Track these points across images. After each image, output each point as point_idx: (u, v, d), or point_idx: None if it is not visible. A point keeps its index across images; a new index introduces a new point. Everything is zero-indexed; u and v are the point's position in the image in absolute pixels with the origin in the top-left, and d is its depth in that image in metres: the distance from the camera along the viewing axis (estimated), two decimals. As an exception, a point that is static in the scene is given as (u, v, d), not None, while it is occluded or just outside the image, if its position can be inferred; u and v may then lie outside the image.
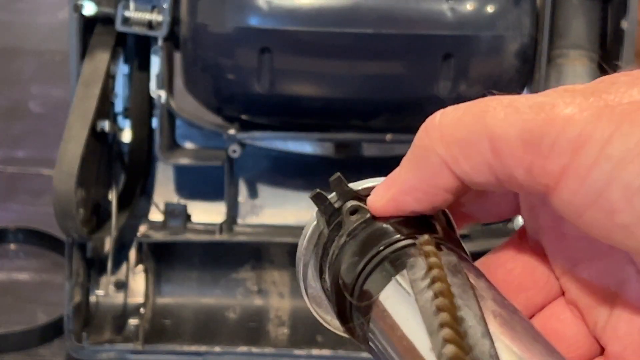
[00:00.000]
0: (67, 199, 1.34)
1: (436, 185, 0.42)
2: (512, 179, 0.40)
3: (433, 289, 0.38)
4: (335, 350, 1.46)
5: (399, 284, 0.41)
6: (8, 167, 2.13)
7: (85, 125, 1.38)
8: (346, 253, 0.44)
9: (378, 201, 0.44)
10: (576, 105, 0.39)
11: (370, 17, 1.38)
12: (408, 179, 0.43)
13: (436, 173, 0.42)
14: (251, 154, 1.55)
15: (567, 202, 0.39)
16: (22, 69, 2.57)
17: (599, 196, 0.38)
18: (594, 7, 1.41)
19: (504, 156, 0.40)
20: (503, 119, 0.40)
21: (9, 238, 1.87)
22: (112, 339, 1.49)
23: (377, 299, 0.41)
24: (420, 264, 0.40)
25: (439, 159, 0.42)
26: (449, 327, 0.37)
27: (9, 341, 1.59)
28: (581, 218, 0.39)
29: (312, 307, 0.48)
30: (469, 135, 0.41)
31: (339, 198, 0.46)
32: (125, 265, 1.54)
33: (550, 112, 0.39)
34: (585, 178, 0.38)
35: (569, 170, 0.38)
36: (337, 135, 1.49)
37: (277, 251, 1.55)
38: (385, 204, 0.44)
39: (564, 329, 0.45)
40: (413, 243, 0.42)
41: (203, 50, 1.42)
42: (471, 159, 0.41)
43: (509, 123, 0.40)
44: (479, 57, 1.40)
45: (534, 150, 0.39)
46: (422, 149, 0.43)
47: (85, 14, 1.42)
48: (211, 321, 1.53)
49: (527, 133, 0.39)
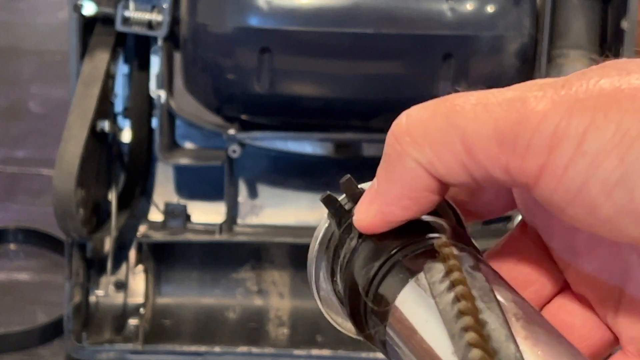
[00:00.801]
0: (67, 199, 1.34)
1: (418, 189, 0.41)
2: (490, 178, 0.40)
3: (454, 291, 0.38)
4: (335, 350, 1.46)
5: (416, 287, 0.40)
6: (8, 167, 2.13)
7: (85, 125, 1.38)
8: (359, 256, 0.43)
9: (364, 218, 0.43)
10: (548, 99, 0.38)
11: (370, 17, 1.38)
12: (388, 189, 0.42)
13: (415, 177, 0.41)
14: (251, 154, 1.55)
15: (548, 198, 0.39)
16: (22, 69, 2.57)
17: (578, 192, 0.37)
18: (594, 7, 1.41)
19: (478, 157, 0.39)
20: (473, 119, 0.39)
21: (9, 238, 1.87)
22: (112, 339, 1.49)
23: (393, 303, 0.41)
24: (438, 266, 0.40)
25: (414, 163, 0.40)
26: (473, 330, 0.36)
27: (9, 341, 1.59)
28: (564, 213, 0.39)
29: (324, 310, 0.47)
30: (441, 136, 0.40)
31: (349, 200, 0.45)
32: (125, 266, 1.54)
33: (521, 109, 0.39)
34: (563, 176, 0.37)
35: (546, 169, 0.38)
36: (337, 135, 1.49)
37: (277, 251, 1.55)
38: (372, 219, 0.43)
39: (573, 320, 0.44)
40: (430, 245, 0.41)
41: (203, 50, 1.42)
42: (445, 160, 0.40)
43: (480, 122, 0.39)
44: (479, 57, 1.40)
45: (509, 151, 0.38)
46: (396, 155, 0.41)
47: (85, 14, 1.42)
48: (211, 321, 1.53)
49: (500, 133, 0.38)
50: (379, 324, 0.41)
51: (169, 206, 1.54)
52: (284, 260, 1.55)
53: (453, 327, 0.37)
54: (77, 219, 1.36)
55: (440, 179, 0.41)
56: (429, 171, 0.41)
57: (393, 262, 0.42)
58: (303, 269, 1.72)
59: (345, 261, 0.44)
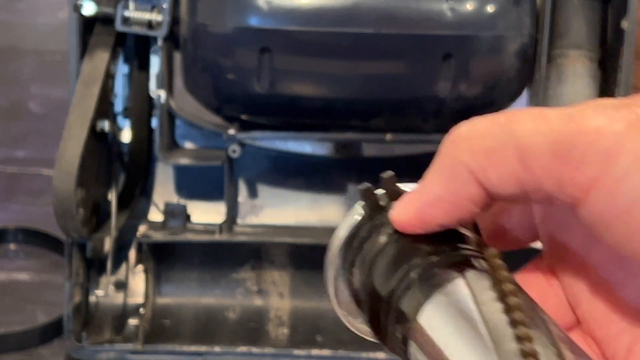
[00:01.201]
0: (67, 198, 1.34)
1: (463, 196, 0.41)
2: (540, 190, 0.40)
3: (507, 302, 0.37)
4: (335, 350, 1.46)
5: (448, 295, 0.40)
6: (8, 167, 2.13)
7: (85, 124, 1.38)
8: (385, 256, 0.43)
9: (403, 214, 0.43)
10: (607, 116, 0.38)
11: (370, 17, 1.38)
12: (434, 190, 0.42)
13: (463, 183, 0.41)
14: (251, 154, 1.55)
15: (596, 213, 0.39)
16: (22, 69, 2.57)
17: (629, 208, 0.37)
18: (594, 7, 1.41)
19: (532, 166, 0.39)
20: (532, 129, 0.40)
21: (9, 238, 1.87)
22: (111, 339, 1.49)
23: (421, 309, 0.40)
24: (482, 276, 0.39)
25: (466, 169, 0.41)
26: (528, 340, 0.36)
27: (9, 341, 1.59)
28: (608, 230, 0.38)
29: (340, 311, 0.46)
30: (497, 144, 0.40)
31: (386, 196, 0.45)
32: (125, 266, 1.54)
33: (580, 123, 0.39)
34: (616, 190, 0.37)
35: (599, 182, 0.38)
36: (337, 135, 1.49)
37: (277, 251, 1.55)
38: (411, 217, 0.43)
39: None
40: (465, 255, 0.41)
41: (203, 50, 1.42)
42: (499, 168, 0.40)
43: (538, 133, 0.39)
44: (479, 57, 1.40)
45: (564, 161, 0.38)
46: (449, 159, 0.42)
47: (85, 14, 1.42)
48: (211, 321, 1.53)
49: (556, 144, 0.39)
50: (400, 330, 0.41)
51: (169, 206, 1.54)
52: (284, 260, 1.55)
53: (501, 336, 0.37)
54: (77, 219, 1.36)
55: (488, 189, 0.41)
56: (479, 179, 0.41)
57: (423, 267, 0.41)
58: (303, 269, 1.72)
59: (369, 257, 0.43)
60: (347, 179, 1.56)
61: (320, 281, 1.68)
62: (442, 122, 1.44)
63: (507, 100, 1.45)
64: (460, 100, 1.41)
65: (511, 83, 1.42)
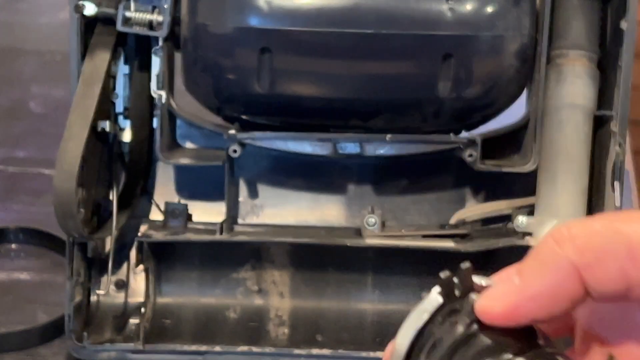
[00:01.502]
0: (68, 198, 1.34)
1: (563, 292, 0.42)
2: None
3: None
4: (335, 350, 1.47)
5: None
6: (8, 167, 2.13)
7: (86, 124, 1.38)
8: (470, 348, 0.42)
9: (495, 305, 0.43)
10: None
11: (370, 17, 1.38)
12: (534, 283, 0.42)
13: (564, 279, 0.41)
14: (251, 154, 1.55)
15: None
16: (22, 69, 2.57)
17: None
18: (594, 7, 1.42)
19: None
20: None
21: (9, 238, 1.87)
22: (112, 339, 1.49)
23: None
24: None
25: (570, 265, 0.41)
26: None
27: (9, 341, 1.58)
28: None
29: None
30: (604, 242, 0.41)
31: (460, 286, 0.44)
32: (125, 265, 1.55)
33: None
34: None
35: None
36: (337, 135, 1.49)
37: (278, 251, 1.55)
38: (504, 309, 0.42)
39: None
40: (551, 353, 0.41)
41: (203, 50, 1.42)
42: (605, 265, 0.41)
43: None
44: (479, 57, 1.40)
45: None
46: (552, 256, 0.42)
47: (86, 14, 1.42)
48: (211, 321, 1.53)
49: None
50: None
51: (169, 206, 1.54)
52: (284, 260, 1.55)
53: None
54: (78, 219, 1.37)
55: (590, 286, 0.41)
56: (583, 276, 0.41)
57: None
58: (303, 268, 1.72)
59: (446, 345, 0.43)
60: (347, 179, 1.56)
61: (320, 281, 1.69)
62: (441, 122, 1.44)
63: (507, 101, 1.45)
64: (459, 100, 1.41)
65: (511, 83, 1.42)
